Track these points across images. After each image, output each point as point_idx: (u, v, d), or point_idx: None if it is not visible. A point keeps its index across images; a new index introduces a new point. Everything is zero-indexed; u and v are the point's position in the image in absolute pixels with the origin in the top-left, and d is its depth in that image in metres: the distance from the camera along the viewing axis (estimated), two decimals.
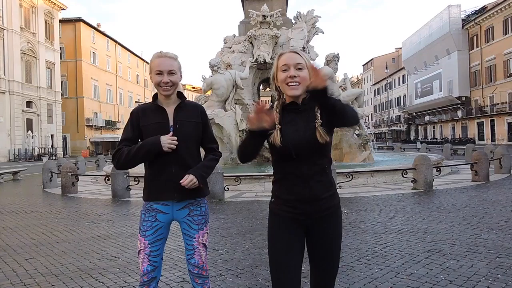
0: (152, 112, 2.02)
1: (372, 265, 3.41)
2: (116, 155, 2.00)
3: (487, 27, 39.05)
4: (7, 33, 30.97)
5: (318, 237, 1.68)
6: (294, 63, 1.62)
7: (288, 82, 1.62)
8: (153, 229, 1.98)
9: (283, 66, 1.64)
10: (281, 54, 1.68)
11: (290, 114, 1.66)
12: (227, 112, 12.38)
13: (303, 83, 1.61)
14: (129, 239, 4.70)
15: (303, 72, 1.62)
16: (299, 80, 1.61)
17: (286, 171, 1.65)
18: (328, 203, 1.66)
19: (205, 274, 2.05)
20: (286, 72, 1.62)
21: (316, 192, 1.62)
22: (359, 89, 21.86)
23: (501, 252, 3.67)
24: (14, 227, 5.67)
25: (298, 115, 1.66)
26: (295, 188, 1.63)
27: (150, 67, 2.03)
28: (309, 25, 14.39)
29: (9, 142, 31.41)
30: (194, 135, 2.05)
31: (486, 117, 38.79)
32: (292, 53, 1.66)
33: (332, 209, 1.68)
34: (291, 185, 1.64)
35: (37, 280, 3.31)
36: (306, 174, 1.62)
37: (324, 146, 1.63)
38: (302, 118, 1.64)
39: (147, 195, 2.04)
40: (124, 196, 8.39)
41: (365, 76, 77.93)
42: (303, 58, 1.64)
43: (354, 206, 6.38)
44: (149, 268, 1.94)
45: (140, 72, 60.35)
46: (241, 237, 4.61)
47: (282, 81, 1.64)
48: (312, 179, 1.62)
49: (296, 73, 1.61)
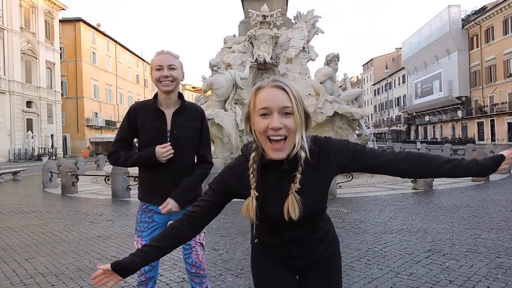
0: (150, 113, 1.97)
1: (372, 265, 3.41)
2: (112, 157, 2.00)
3: (487, 27, 39.04)
4: (7, 33, 30.96)
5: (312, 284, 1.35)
6: (279, 106, 1.11)
7: (269, 135, 1.12)
8: (150, 229, 1.98)
9: (262, 110, 1.13)
10: (259, 89, 1.17)
11: (272, 174, 1.20)
12: (227, 112, 12.38)
13: (291, 137, 1.13)
14: (129, 239, 4.70)
15: (291, 120, 1.12)
16: (285, 132, 1.12)
17: (270, 234, 1.30)
18: (323, 254, 1.32)
19: (203, 273, 2.05)
20: (267, 119, 1.12)
21: (309, 249, 1.29)
22: (359, 89, 21.84)
23: (501, 252, 3.67)
24: (14, 227, 5.67)
25: (282, 174, 1.19)
26: (282, 247, 1.30)
27: (151, 66, 1.99)
28: (309, 25, 14.39)
29: (9, 142, 31.40)
30: (191, 142, 2.00)
31: (486, 117, 38.78)
32: (275, 88, 1.13)
33: (329, 258, 1.34)
34: (275, 243, 1.30)
35: (37, 280, 3.31)
36: (295, 238, 1.27)
37: (315, 213, 1.24)
38: (287, 179, 1.18)
39: (142, 194, 2.04)
40: (124, 196, 8.39)
41: (365, 76, 77.92)
42: (291, 96, 1.13)
43: (354, 206, 6.38)
44: (147, 268, 1.95)
45: (140, 72, 60.34)
46: (241, 237, 4.61)
47: (261, 132, 1.13)
48: (302, 240, 1.28)
49: (280, 123, 1.10)
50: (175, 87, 1.96)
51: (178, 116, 1.98)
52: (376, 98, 71.23)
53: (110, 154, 2.01)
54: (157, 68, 1.93)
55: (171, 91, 1.94)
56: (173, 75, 1.92)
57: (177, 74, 1.94)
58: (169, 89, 1.93)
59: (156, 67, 1.93)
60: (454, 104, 44.19)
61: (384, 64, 61.87)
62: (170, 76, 1.91)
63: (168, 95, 1.96)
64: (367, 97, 71.23)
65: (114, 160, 1.99)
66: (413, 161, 1.22)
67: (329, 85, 12.03)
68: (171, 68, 1.92)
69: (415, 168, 1.22)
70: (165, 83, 1.91)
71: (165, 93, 1.94)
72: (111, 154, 2.00)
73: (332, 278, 1.34)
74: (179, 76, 1.96)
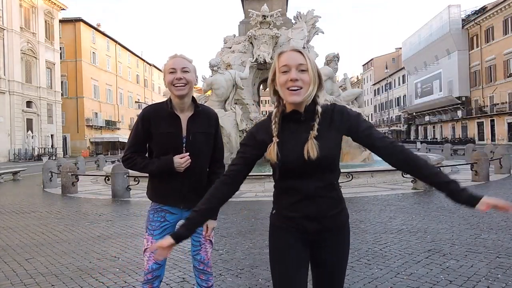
0: (165, 119, 1.93)
1: (372, 265, 3.41)
2: (128, 162, 1.99)
3: (487, 27, 39.04)
4: (7, 33, 30.97)
5: (322, 256, 1.51)
6: (296, 64, 1.40)
7: (288, 86, 1.39)
8: (161, 228, 1.99)
9: (283, 67, 1.41)
10: (281, 53, 1.45)
11: (290, 124, 1.45)
12: (227, 112, 12.38)
13: (306, 87, 1.40)
14: (129, 239, 4.70)
15: (306, 75, 1.40)
16: (301, 84, 1.39)
17: (288, 187, 1.46)
18: (335, 220, 1.49)
19: (209, 270, 2.07)
20: (287, 75, 1.40)
21: (323, 209, 1.45)
22: (359, 89, 21.86)
23: (501, 252, 3.67)
24: (14, 227, 5.67)
25: (300, 125, 1.43)
26: (300, 206, 1.45)
27: (164, 70, 1.96)
28: (309, 25, 14.39)
29: (9, 142, 31.41)
30: (206, 147, 2.01)
31: (486, 117, 38.78)
32: (293, 51, 1.43)
33: (340, 227, 1.51)
34: (295, 202, 1.45)
35: (37, 280, 3.31)
36: (311, 190, 1.43)
37: (329, 160, 1.43)
38: (305, 129, 1.42)
39: (153, 196, 2.04)
40: (124, 196, 8.39)
41: (365, 76, 77.92)
42: (306, 58, 1.42)
43: (354, 206, 6.38)
44: (154, 266, 1.96)
45: (140, 72, 60.33)
46: (241, 237, 4.61)
47: (282, 84, 1.41)
48: (319, 195, 1.44)
49: (297, 76, 1.39)
50: (188, 90, 1.92)
51: (193, 122, 1.96)
52: (376, 98, 71.23)
53: (125, 159, 2.01)
54: (170, 71, 1.90)
55: (184, 95, 1.91)
56: (187, 77, 1.89)
57: (190, 77, 1.91)
58: (183, 93, 1.89)
59: (169, 70, 1.91)
60: (454, 104, 44.19)
61: (384, 64, 61.92)
62: (183, 79, 1.88)
63: (182, 99, 1.92)
64: (367, 97, 71.22)
65: (130, 167, 2.00)
66: (405, 162, 1.42)
67: (329, 85, 12.03)
68: (185, 71, 1.90)
69: (403, 167, 1.45)
70: (178, 86, 1.88)
71: (179, 97, 1.91)
72: (127, 160, 2.00)
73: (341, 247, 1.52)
74: (193, 79, 1.94)
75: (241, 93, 13.56)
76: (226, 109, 12.60)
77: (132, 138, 2.00)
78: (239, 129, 12.63)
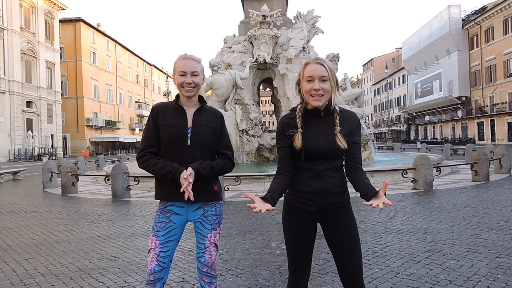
0: (171, 111, 2.04)
1: (372, 265, 3.41)
2: (142, 161, 2.01)
3: (487, 27, 39.05)
4: (7, 33, 30.97)
5: (334, 227, 1.81)
6: (319, 75, 1.72)
7: (312, 94, 1.72)
8: (166, 229, 2.00)
9: (308, 77, 1.73)
10: (307, 64, 1.76)
11: (311, 118, 1.78)
12: (227, 112, 12.38)
13: (326, 95, 1.74)
14: (129, 239, 4.70)
15: (327, 84, 1.73)
16: (323, 92, 1.72)
17: (304, 166, 1.78)
18: (339, 197, 1.80)
19: (213, 273, 2.08)
20: (311, 84, 1.72)
21: (329, 186, 1.76)
22: (359, 89, 21.85)
23: (501, 252, 3.67)
24: (14, 227, 5.67)
25: (320, 119, 1.78)
26: (310, 182, 1.76)
27: (174, 68, 2.05)
28: (309, 25, 14.39)
29: (9, 142, 31.41)
30: (211, 140, 2.05)
31: (486, 117, 38.79)
32: (317, 64, 1.73)
33: (343, 204, 1.82)
34: (306, 178, 1.77)
35: (37, 280, 3.31)
36: (321, 171, 1.76)
37: (344, 150, 1.77)
38: (323, 123, 1.77)
39: (161, 194, 2.05)
40: (124, 196, 8.39)
41: (365, 76, 77.92)
42: (327, 69, 1.73)
43: (354, 206, 6.30)
44: (157, 268, 1.96)
45: (140, 72, 60.33)
46: (241, 237, 4.61)
47: (306, 91, 1.74)
48: (327, 175, 1.76)
49: (320, 86, 1.71)
50: (196, 92, 2.05)
51: (199, 115, 2.05)
52: (376, 98, 71.24)
53: (139, 157, 2.03)
54: (180, 74, 2.00)
55: (192, 96, 2.04)
56: (196, 81, 2.01)
57: (199, 80, 2.03)
58: (191, 94, 2.02)
59: (179, 72, 2.00)
60: (454, 104, 44.20)
61: (384, 64, 61.87)
62: (192, 83, 2.00)
63: (190, 98, 2.05)
64: (367, 97, 71.24)
65: (143, 166, 2.03)
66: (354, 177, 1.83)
67: None
68: (194, 75, 2.01)
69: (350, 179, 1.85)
70: (187, 89, 2.00)
71: (187, 97, 2.04)
72: (141, 157, 2.02)
73: (348, 216, 1.83)
74: (201, 81, 2.06)
75: (241, 93, 13.56)
76: (226, 109, 12.60)
77: (144, 133, 2.08)
78: (239, 129, 12.63)
